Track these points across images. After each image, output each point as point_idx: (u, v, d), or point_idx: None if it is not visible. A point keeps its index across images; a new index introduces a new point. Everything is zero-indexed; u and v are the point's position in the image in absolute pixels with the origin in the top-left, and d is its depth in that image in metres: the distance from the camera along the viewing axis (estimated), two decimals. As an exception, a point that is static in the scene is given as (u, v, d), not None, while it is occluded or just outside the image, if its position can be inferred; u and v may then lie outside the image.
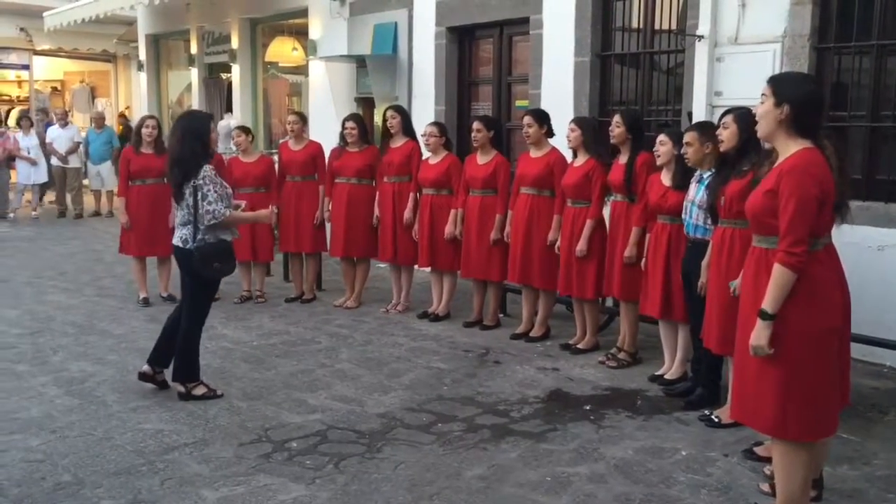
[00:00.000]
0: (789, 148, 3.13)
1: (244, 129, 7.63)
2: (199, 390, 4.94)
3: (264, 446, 4.26)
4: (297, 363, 5.68)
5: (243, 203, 5.21)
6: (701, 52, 6.18)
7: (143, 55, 15.12)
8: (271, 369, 5.55)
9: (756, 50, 5.92)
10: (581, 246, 5.61)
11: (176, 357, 4.95)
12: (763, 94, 3.19)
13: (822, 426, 3.19)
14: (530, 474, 3.94)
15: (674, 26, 6.67)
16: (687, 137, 4.80)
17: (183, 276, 4.99)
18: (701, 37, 6.15)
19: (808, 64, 5.66)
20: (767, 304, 3.07)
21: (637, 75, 7.03)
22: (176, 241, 4.89)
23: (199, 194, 4.72)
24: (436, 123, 6.95)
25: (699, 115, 6.13)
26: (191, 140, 4.80)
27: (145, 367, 5.05)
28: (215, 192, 4.75)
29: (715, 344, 4.50)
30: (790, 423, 3.13)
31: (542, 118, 6.02)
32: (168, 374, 5.03)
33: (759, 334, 3.09)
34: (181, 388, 4.93)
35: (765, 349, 3.09)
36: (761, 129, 3.22)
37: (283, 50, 12.40)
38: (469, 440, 4.34)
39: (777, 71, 5.76)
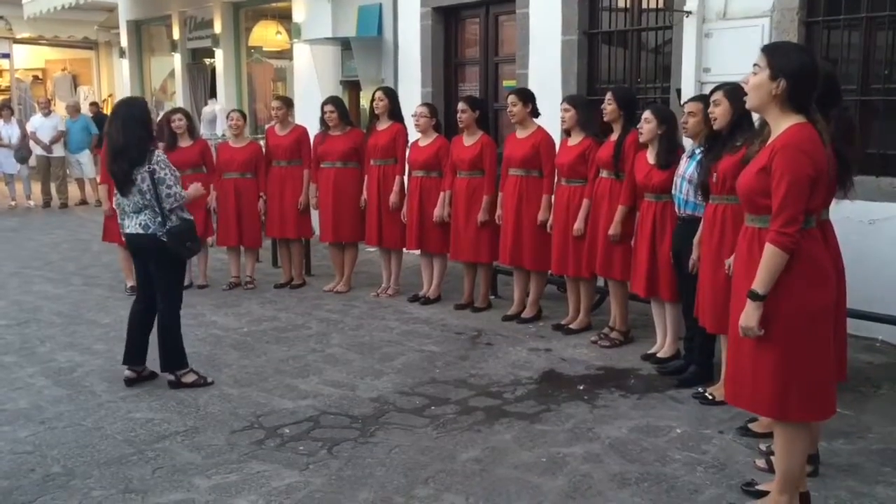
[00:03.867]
0: (781, 123, 3.04)
1: (243, 113, 7.57)
2: (189, 378, 4.89)
3: (256, 433, 4.21)
4: (287, 349, 5.64)
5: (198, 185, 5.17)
6: (689, 28, 6.12)
7: (124, 42, 14.94)
8: (262, 355, 5.50)
9: (745, 25, 5.87)
10: (578, 225, 5.57)
11: (161, 347, 4.87)
12: (756, 65, 3.07)
13: (823, 406, 3.14)
14: (525, 455, 3.91)
15: (661, 3, 6.60)
16: (691, 107, 4.74)
17: (143, 265, 4.88)
18: (689, 12, 6.10)
19: (798, 38, 5.60)
20: (758, 285, 3.01)
21: (625, 53, 6.97)
22: (133, 228, 4.77)
23: (157, 178, 4.66)
24: (426, 104, 6.90)
25: (688, 91, 6.08)
26: (134, 127, 4.70)
27: (127, 373, 4.93)
28: (172, 175, 4.72)
29: (709, 322, 4.47)
30: (791, 405, 3.08)
31: (526, 97, 5.97)
32: (154, 365, 4.96)
33: (750, 315, 3.03)
34: (171, 377, 4.88)
35: (755, 331, 3.03)
36: (752, 101, 3.10)
37: (266, 34, 12.29)
38: (463, 423, 4.31)
39: (766, 46, 5.73)
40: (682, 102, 5.89)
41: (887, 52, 5.39)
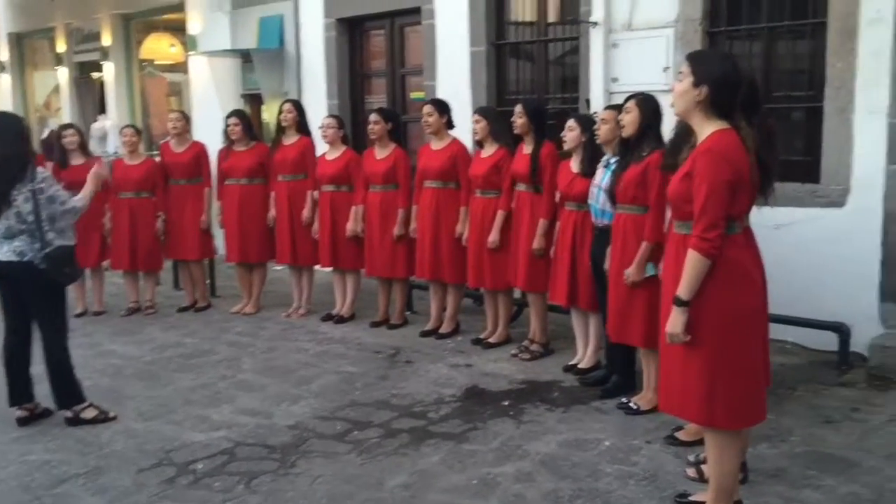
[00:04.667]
0: (705, 129, 3.09)
1: (136, 129, 7.21)
2: (89, 413, 4.55)
3: (167, 470, 3.93)
4: (195, 377, 5.33)
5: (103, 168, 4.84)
6: (596, 39, 6.16)
7: (4, 56, 14.10)
8: (168, 385, 5.18)
9: (650, 35, 5.95)
10: (493, 237, 5.49)
11: (52, 383, 4.50)
12: (681, 72, 3.12)
13: (750, 412, 3.16)
14: (455, 478, 3.77)
15: (568, 14, 6.62)
16: (604, 114, 4.76)
17: (15, 296, 4.46)
18: (595, 23, 6.13)
19: (701, 48, 5.70)
20: (682, 291, 3.02)
21: (533, 64, 6.97)
22: (5, 255, 4.35)
23: (44, 197, 4.33)
24: (333, 116, 6.73)
25: (597, 102, 6.11)
26: (12, 140, 4.35)
27: (18, 413, 4.54)
28: (58, 188, 4.43)
29: (612, 331, 4.52)
30: (718, 412, 3.09)
31: (442, 108, 5.88)
32: (48, 401, 4.58)
33: (675, 321, 3.05)
34: (68, 413, 4.52)
35: (680, 336, 3.04)
36: (678, 108, 3.14)
37: (158, 47, 11.79)
38: (388, 447, 4.14)
39: (672, 56, 5.83)
40: (591, 112, 5.92)
41: (788, 61, 5.54)
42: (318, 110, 7.88)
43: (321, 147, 6.57)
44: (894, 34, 4.92)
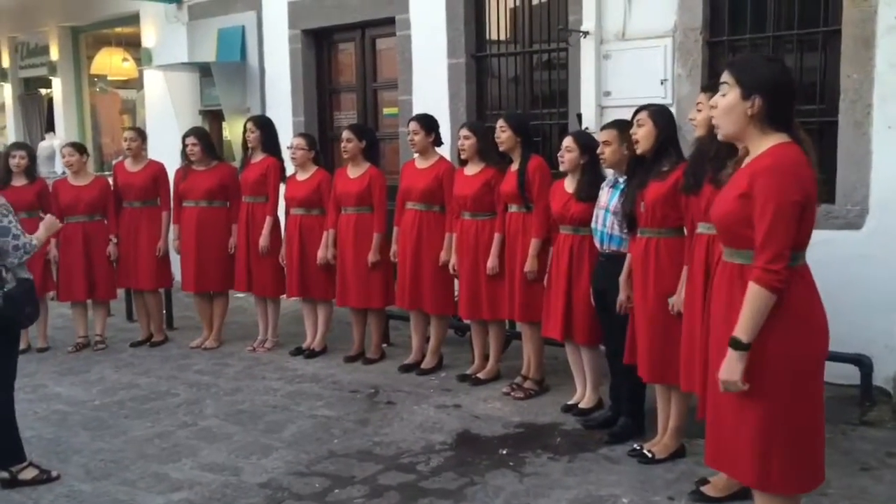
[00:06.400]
0: (763, 144, 2.63)
1: (77, 147, 6.57)
2: (28, 473, 3.94)
3: (118, 544, 3.37)
4: (151, 424, 4.74)
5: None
6: (587, 49, 5.73)
7: (-56, 71, 13.35)
8: (120, 435, 4.58)
9: (645, 46, 5.54)
10: (491, 263, 5.01)
11: None
12: (724, 83, 2.68)
13: (810, 475, 2.71)
14: (458, 548, 3.27)
15: (556, 22, 6.19)
16: (605, 136, 4.31)
17: None
18: (586, 33, 5.71)
19: (702, 59, 5.33)
20: (742, 332, 2.56)
21: (517, 76, 6.54)
22: None
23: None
24: (304, 135, 6.19)
25: (589, 116, 5.69)
26: None
27: None
28: (14, 221, 3.87)
29: (646, 372, 4.02)
30: (774, 474, 2.64)
31: (429, 125, 5.40)
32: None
33: (732, 367, 2.58)
34: (5, 474, 3.91)
35: (738, 385, 2.58)
36: (727, 127, 2.68)
37: (110, 62, 11.17)
38: (376, 508, 3.62)
39: (669, 68, 5.44)
40: (584, 127, 5.51)
41: (795, 73, 5.16)
42: (284, 128, 7.36)
43: (291, 168, 6.05)
44: (914, 43, 4.57)
